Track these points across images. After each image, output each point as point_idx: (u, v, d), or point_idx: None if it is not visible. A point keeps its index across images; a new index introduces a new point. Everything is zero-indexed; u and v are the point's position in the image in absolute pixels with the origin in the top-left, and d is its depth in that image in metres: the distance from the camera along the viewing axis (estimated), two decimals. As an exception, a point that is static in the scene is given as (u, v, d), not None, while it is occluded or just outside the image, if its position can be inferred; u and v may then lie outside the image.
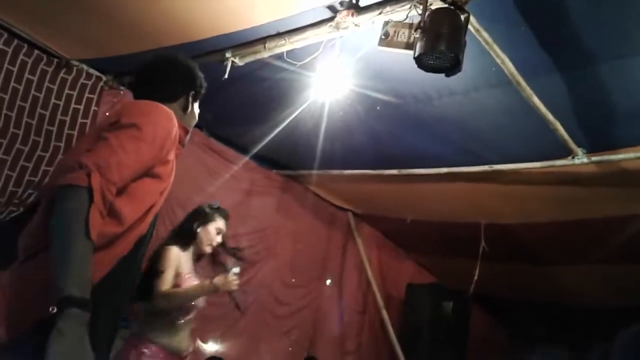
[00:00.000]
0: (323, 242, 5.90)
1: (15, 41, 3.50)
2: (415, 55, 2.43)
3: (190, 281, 3.03)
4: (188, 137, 1.89)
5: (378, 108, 3.67)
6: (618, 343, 3.09)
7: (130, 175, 1.50)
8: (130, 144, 1.49)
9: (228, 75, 3.33)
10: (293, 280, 5.56)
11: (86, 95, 3.82)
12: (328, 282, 5.77)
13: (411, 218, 5.55)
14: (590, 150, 3.61)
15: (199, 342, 4.73)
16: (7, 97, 3.47)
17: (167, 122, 1.62)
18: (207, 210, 3.26)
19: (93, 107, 3.83)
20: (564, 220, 4.69)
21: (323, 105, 3.68)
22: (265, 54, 3.23)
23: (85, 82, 3.83)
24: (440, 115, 3.65)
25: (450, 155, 4.18)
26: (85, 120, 3.78)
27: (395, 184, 4.84)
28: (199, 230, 3.18)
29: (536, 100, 3.15)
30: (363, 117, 3.86)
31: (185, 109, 1.86)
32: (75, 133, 3.74)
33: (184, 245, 3.13)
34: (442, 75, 2.58)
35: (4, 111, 3.46)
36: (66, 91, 3.74)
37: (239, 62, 3.33)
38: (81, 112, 3.78)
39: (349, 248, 6.11)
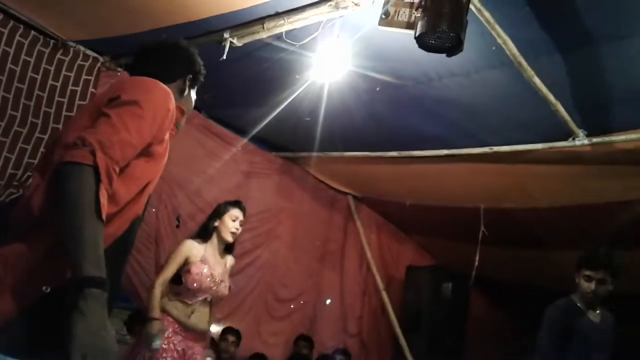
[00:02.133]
0: (323, 225, 5.90)
1: (11, 22, 3.47)
2: (416, 35, 2.40)
3: (200, 267, 3.42)
4: (184, 120, 1.85)
5: (378, 89, 3.64)
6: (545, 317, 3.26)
7: (132, 154, 1.47)
8: (133, 122, 1.46)
9: (226, 56, 3.29)
10: (294, 263, 5.57)
11: (83, 76, 3.79)
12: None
13: (410, 202, 5.54)
14: (591, 131, 3.59)
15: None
16: (4, 79, 3.45)
17: (166, 100, 1.59)
18: (222, 205, 3.68)
19: (91, 89, 3.81)
20: (564, 204, 4.67)
21: (322, 86, 3.65)
22: (263, 35, 3.19)
23: (82, 63, 3.80)
24: (441, 97, 3.62)
25: (451, 137, 4.16)
26: (83, 102, 3.75)
27: (395, 166, 4.82)
28: (216, 224, 3.58)
29: (537, 81, 3.11)
30: (363, 99, 3.83)
31: (181, 91, 1.81)
32: (74, 115, 3.72)
33: (203, 239, 3.56)
34: (443, 55, 2.55)
35: (1, 93, 3.44)
36: (63, 72, 3.71)
37: (237, 42, 3.29)
38: (79, 93, 3.76)
39: (349, 230, 6.12)
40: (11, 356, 1.27)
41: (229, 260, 3.68)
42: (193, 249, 3.48)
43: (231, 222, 3.59)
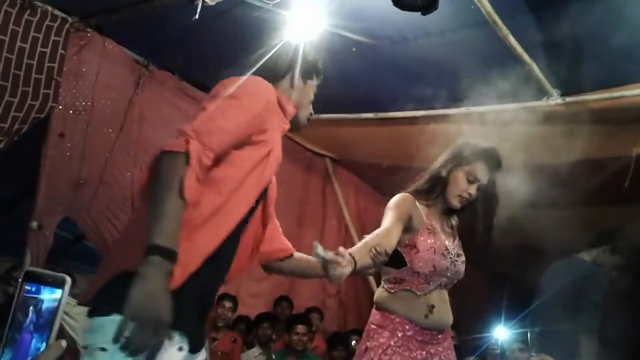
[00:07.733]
0: (301, 188, 5.92)
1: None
2: (391, -7, 2.39)
3: (429, 241, 2.32)
4: (304, 114, 2.04)
5: (354, 49, 3.62)
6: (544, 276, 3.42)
7: (229, 141, 1.55)
8: (229, 111, 1.57)
9: (199, 15, 3.22)
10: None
11: (52, 37, 3.68)
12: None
13: (387, 163, 5.56)
14: (565, 91, 3.62)
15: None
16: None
17: (264, 91, 1.71)
18: (466, 149, 2.34)
19: (60, 50, 3.70)
20: (539, 163, 4.73)
21: (297, 46, 3.60)
22: (237, -8, 3.14)
23: (50, 24, 3.68)
24: (416, 57, 3.61)
25: (427, 97, 4.16)
26: (52, 64, 3.66)
27: (372, 128, 4.82)
28: (448, 174, 2.35)
29: (512, 40, 3.12)
30: (338, 59, 3.79)
31: (291, 86, 1.93)
32: (43, 77, 3.63)
33: (424, 196, 2.35)
34: (419, 15, 2.54)
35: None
36: (32, 34, 3.60)
37: (210, 1, 3.22)
38: (48, 55, 3.66)
39: (327, 193, 6.15)
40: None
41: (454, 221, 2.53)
42: (415, 211, 2.34)
43: (465, 183, 2.34)
